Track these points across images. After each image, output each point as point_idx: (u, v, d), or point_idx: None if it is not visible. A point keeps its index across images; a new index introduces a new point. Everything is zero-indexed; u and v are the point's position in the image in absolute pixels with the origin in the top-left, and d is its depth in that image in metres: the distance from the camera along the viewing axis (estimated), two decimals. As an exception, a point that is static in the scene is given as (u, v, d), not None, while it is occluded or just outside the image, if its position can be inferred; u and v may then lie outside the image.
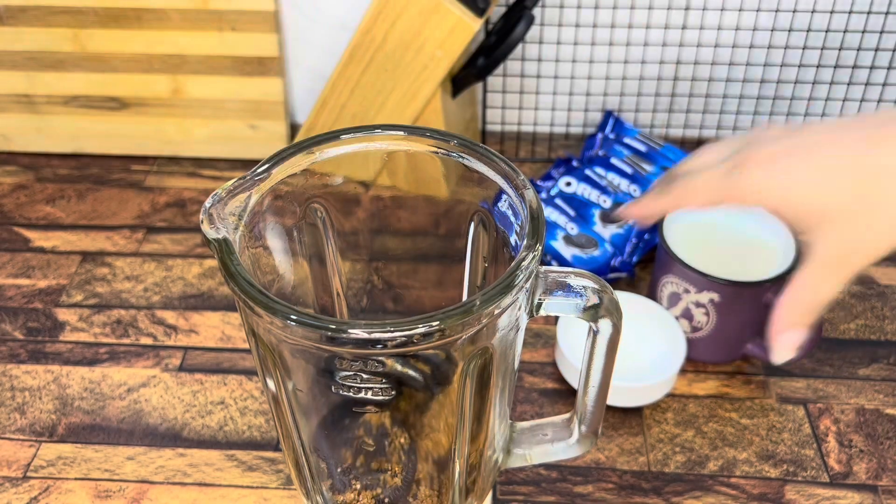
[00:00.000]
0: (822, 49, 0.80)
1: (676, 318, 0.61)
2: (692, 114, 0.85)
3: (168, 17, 0.77)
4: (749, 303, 0.59)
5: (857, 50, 0.80)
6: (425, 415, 0.46)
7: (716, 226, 0.64)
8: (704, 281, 0.58)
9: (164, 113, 0.82)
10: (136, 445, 0.57)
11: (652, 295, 0.64)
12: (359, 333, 0.35)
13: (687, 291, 0.60)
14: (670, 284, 0.61)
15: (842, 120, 0.42)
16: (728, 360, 0.63)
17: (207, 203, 0.40)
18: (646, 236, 0.71)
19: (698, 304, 0.60)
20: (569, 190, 0.73)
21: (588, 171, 0.75)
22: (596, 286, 0.41)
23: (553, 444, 0.50)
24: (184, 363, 0.63)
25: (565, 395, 0.61)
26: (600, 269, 0.68)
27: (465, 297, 0.51)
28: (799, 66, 0.81)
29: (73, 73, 0.81)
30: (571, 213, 0.71)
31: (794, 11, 0.78)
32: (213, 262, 0.72)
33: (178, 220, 0.77)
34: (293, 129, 0.86)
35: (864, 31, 0.79)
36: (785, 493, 0.55)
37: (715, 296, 0.59)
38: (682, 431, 0.59)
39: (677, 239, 0.62)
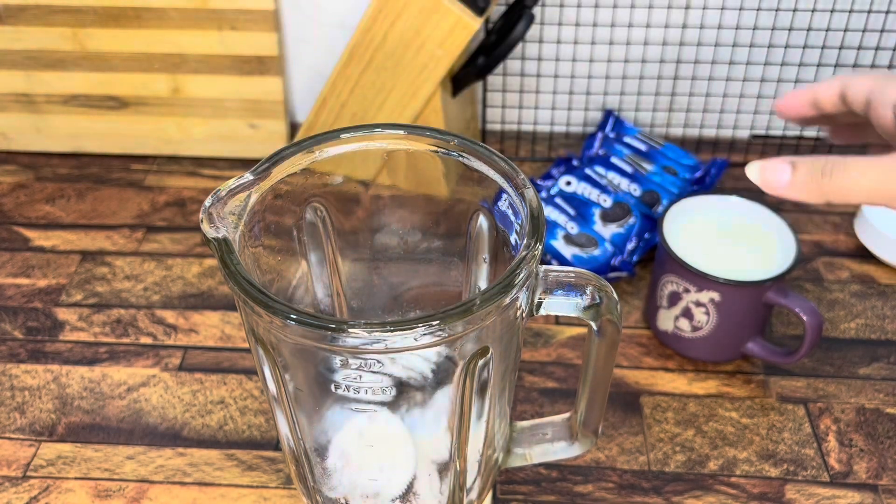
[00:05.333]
0: (822, 48, 0.80)
1: (677, 317, 0.61)
2: (692, 113, 0.85)
3: (168, 16, 0.77)
4: (749, 302, 0.59)
5: (858, 49, 0.80)
6: (425, 415, 0.46)
7: (716, 225, 0.63)
8: (704, 280, 0.58)
9: (163, 112, 0.82)
10: (135, 445, 0.57)
11: (652, 294, 0.64)
12: (359, 333, 0.35)
13: (687, 291, 0.60)
14: (670, 284, 0.61)
15: None
16: (728, 360, 0.63)
17: (207, 202, 0.40)
18: (646, 235, 0.71)
19: (698, 304, 0.60)
20: (569, 189, 0.73)
21: (588, 171, 0.75)
22: (596, 285, 0.41)
23: (553, 443, 0.50)
24: (183, 363, 0.63)
25: (565, 394, 0.61)
26: (600, 269, 0.68)
27: (465, 297, 0.51)
28: (799, 66, 0.81)
29: (73, 73, 0.81)
30: (572, 212, 0.71)
31: (795, 10, 0.78)
32: (212, 262, 0.72)
33: (178, 219, 0.77)
34: (293, 128, 0.86)
35: (864, 31, 0.79)
36: (785, 493, 0.55)
37: (715, 295, 0.59)
38: (682, 431, 0.58)
39: (677, 238, 0.61)
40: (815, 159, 0.40)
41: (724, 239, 0.63)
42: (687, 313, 0.61)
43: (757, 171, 0.41)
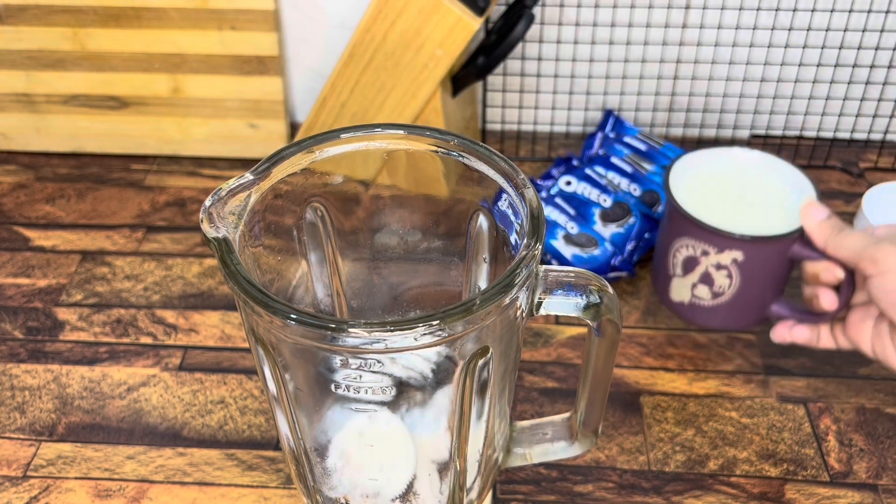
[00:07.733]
0: (822, 48, 0.80)
1: (694, 284, 0.57)
2: (692, 113, 0.85)
3: (168, 16, 0.77)
4: (775, 259, 0.54)
5: (858, 49, 0.80)
6: (425, 415, 0.46)
7: (726, 179, 0.59)
8: (725, 239, 0.53)
9: (163, 112, 0.82)
10: (135, 445, 0.57)
11: (661, 264, 0.59)
12: (359, 333, 0.35)
13: (706, 253, 0.55)
14: (685, 248, 0.56)
15: None
16: (752, 325, 0.59)
17: (207, 202, 0.40)
18: (646, 235, 0.71)
19: (719, 266, 0.55)
20: (569, 189, 0.73)
21: (588, 170, 0.75)
22: (596, 285, 0.41)
23: (553, 443, 0.50)
24: (184, 362, 0.63)
25: (565, 394, 0.61)
26: (600, 269, 0.68)
27: (465, 297, 0.51)
28: (799, 66, 0.81)
29: (73, 73, 0.81)
30: (571, 212, 0.71)
31: (795, 10, 0.78)
32: (212, 262, 0.72)
33: (178, 219, 0.77)
34: (293, 128, 0.86)
35: (864, 30, 0.79)
36: (785, 493, 0.55)
37: (738, 254, 0.54)
38: (682, 430, 0.59)
39: (686, 196, 0.56)
40: (837, 221, 0.52)
41: (737, 193, 0.58)
42: (706, 279, 0.56)
43: (807, 208, 0.52)
